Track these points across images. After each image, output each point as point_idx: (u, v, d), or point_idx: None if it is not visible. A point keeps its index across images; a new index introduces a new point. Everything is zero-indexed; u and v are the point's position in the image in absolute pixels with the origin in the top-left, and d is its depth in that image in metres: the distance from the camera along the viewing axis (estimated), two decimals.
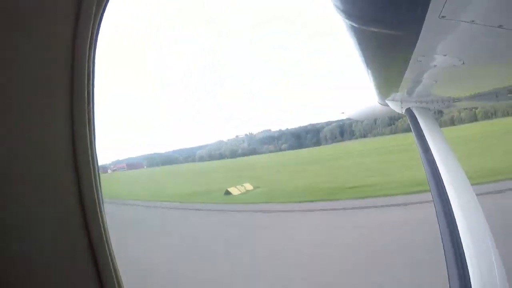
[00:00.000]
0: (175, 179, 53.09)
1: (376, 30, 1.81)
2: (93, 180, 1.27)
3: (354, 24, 1.76)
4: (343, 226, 15.89)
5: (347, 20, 1.74)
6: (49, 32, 1.19)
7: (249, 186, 33.22)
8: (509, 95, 4.56)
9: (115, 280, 1.31)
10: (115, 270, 1.32)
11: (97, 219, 1.27)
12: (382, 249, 11.43)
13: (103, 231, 1.29)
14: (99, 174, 1.29)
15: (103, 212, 1.29)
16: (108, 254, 1.30)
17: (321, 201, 22.01)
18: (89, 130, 1.26)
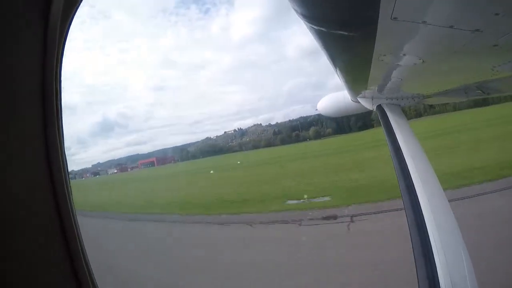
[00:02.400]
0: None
1: (333, 31, 1.85)
2: (65, 182, 1.30)
3: (313, 26, 1.81)
4: None
5: (306, 22, 1.79)
6: (18, 37, 1.19)
7: None
8: (477, 91, 4.73)
9: (88, 276, 1.35)
10: (88, 266, 1.36)
11: (70, 220, 1.31)
12: None
13: (75, 228, 1.33)
14: (69, 174, 1.32)
15: (74, 210, 1.33)
16: (81, 251, 1.35)
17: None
18: (59, 134, 1.29)
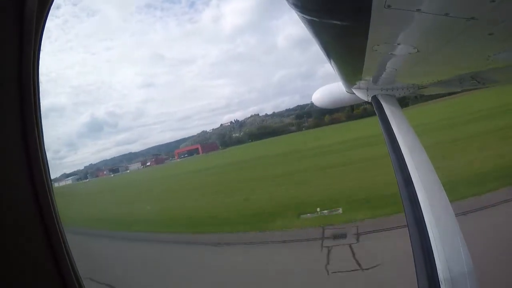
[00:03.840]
0: None
1: (327, 21, 1.81)
2: (45, 178, 1.25)
3: (305, 16, 1.77)
4: None
5: (298, 12, 1.74)
6: None
7: None
8: (472, 81, 4.72)
9: (73, 275, 1.31)
10: (74, 268, 1.32)
11: (53, 222, 1.26)
12: None
13: (59, 230, 1.29)
14: (49, 170, 1.27)
15: (57, 210, 1.28)
16: (66, 253, 1.30)
17: None
18: (38, 131, 1.24)
